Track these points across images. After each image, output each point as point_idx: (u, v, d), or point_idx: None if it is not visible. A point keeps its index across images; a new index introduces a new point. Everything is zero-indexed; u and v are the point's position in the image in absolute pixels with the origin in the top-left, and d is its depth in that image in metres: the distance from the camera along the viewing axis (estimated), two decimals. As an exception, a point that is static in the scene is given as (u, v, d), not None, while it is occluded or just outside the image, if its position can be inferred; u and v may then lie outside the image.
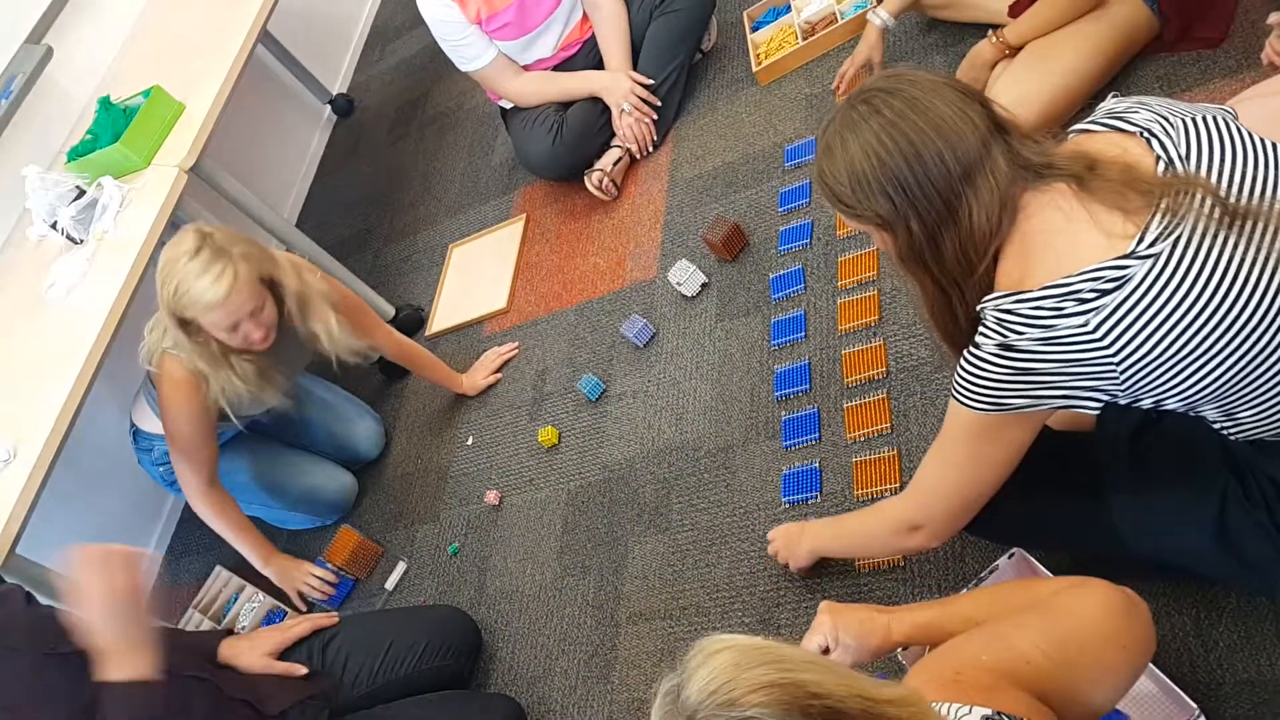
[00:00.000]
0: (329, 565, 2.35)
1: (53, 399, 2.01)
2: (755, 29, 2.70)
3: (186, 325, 1.93)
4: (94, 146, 2.45)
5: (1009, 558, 1.44)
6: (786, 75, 2.56)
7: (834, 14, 2.51)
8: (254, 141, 3.54)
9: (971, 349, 1.14)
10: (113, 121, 2.45)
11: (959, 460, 1.26)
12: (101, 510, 2.83)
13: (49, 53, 2.86)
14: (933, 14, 2.30)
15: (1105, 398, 1.11)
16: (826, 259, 2.15)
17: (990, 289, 1.12)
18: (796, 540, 1.68)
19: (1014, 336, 1.08)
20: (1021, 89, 1.88)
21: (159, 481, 2.44)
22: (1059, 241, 1.07)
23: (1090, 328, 1.05)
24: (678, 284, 2.29)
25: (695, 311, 2.29)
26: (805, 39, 2.52)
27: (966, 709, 0.88)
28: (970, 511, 1.32)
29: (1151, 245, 1.03)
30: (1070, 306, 1.05)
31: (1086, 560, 1.48)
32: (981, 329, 1.13)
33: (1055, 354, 1.08)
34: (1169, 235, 1.03)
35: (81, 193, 2.34)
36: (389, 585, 2.35)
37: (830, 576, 1.74)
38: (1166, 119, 1.10)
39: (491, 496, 2.31)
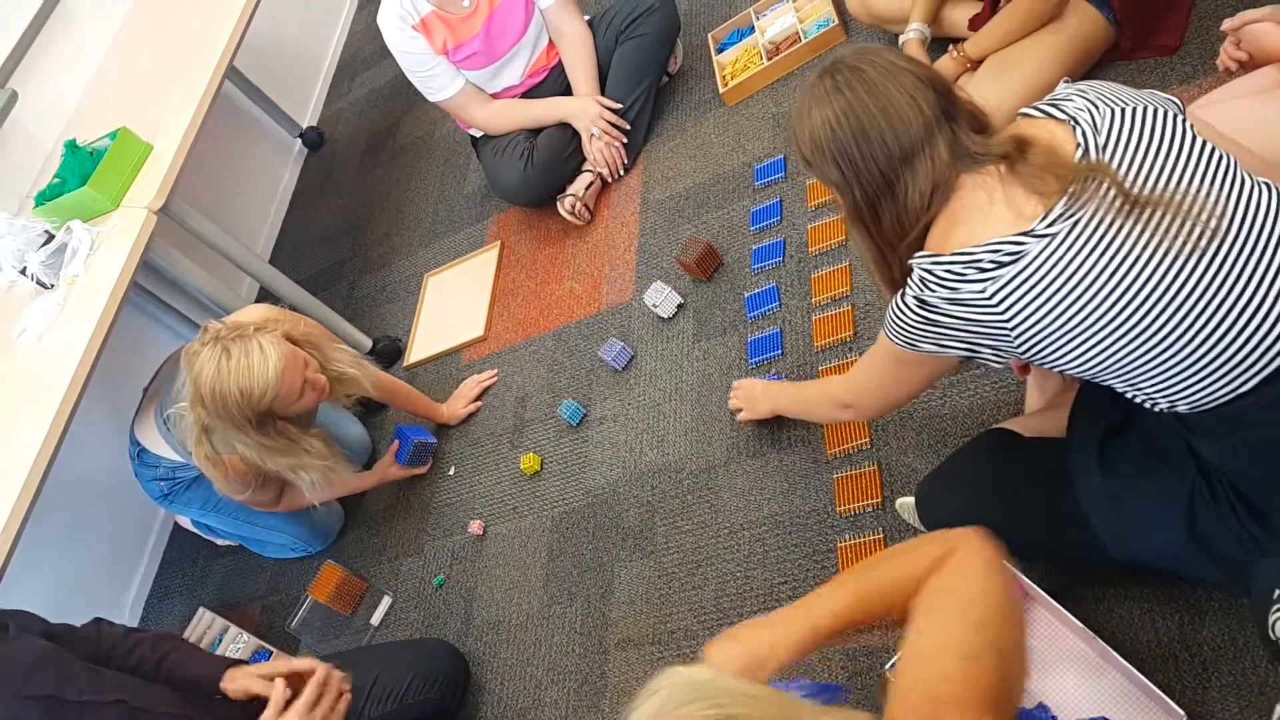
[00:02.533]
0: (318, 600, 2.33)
1: (28, 446, 1.99)
2: (720, 50, 2.73)
3: (264, 424, 1.95)
4: (62, 190, 2.43)
5: (992, 569, 1.44)
6: (753, 95, 2.58)
7: (797, 33, 2.53)
8: (224, 178, 3.53)
9: (900, 295, 1.27)
10: (80, 164, 2.43)
11: (882, 373, 1.43)
12: (81, 556, 2.79)
13: (13, 97, 2.84)
14: (894, 29, 2.32)
15: (1006, 356, 1.23)
16: (800, 276, 2.16)
17: (921, 249, 1.23)
18: (758, 397, 1.91)
19: (928, 293, 1.21)
20: (983, 101, 1.90)
21: (155, 497, 2.41)
22: (977, 215, 1.17)
23: (987, 295, 1.15)
24: (654, 306, 2.30)
25: (672, 333, 2.29)
26: (770, 59, 2.54)
27: None
28: (892, 407, 1.57)
29: (1050, 225, 1.12)
30: (972, 274, 1.16)
31: (1065, 567, 1.50)
32: (909, 281, 1.25)
33: (958, 313, 1.19)
34: (1068, 218, 1.11)
35: (50, 237, 2.32)
36: (374, 620, 2.33)
37: (811, 582, 1.74)
38: (1097, 106, 1.16)
39: (475, 526, 2.30)
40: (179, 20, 2.95)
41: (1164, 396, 1.17)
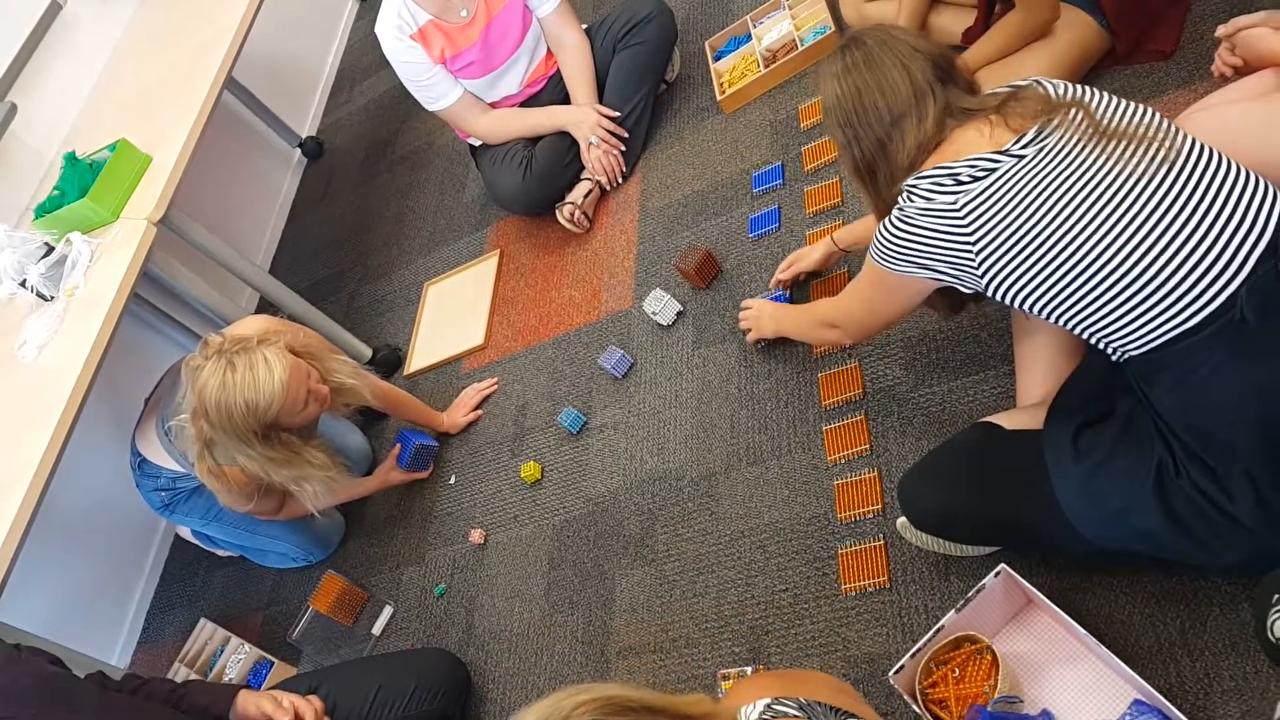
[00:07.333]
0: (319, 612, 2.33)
1: (27, 459, 1.99)
2: (717, 58, 2.73)
3: (268, 436, 1.95)
4: (61, 202, 2.43)
5: (995, 576, 1.45)
6: (750, 103, 2.59)
7: (794, 41, 2.54)
8: (224, 189, 3.53)
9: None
10: (79, 176, 2.44)
11: (863, 294, 1.58)
12: (81, 569, 2.79)
13: (13, 110, 2.85)
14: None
15: (971, 284, 1.34)
16: (799, 284, 2.16)
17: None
18: (765, 318, 2.03)
19: (908, 205, 1.35)
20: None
21: (156, 507, 2.41)
22: (962, 146, 1.33)
23: (957, 206, 1.29)
24: (653, 313, 2.30)
25: (672, 340, 2.30)
26: (767, 67, 2.55)
27: (752, 705, 1.03)
28: (871, 330, 1.69)
29: (1024, 148, 1.26)
30: (949, 184, 1.30)
31: (1047, 557, 1.50)
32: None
33: (929, 224, 1.32)
34: (1038, 143, 1.26)
35: (50, 249, 2.33)
36: (376, 630, 2.33)
37: (819, 600, 1.74)
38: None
39: (476, 535, 2.30)
40: (178, 31, 2.96)
41: (1118, 331, 1.23)
